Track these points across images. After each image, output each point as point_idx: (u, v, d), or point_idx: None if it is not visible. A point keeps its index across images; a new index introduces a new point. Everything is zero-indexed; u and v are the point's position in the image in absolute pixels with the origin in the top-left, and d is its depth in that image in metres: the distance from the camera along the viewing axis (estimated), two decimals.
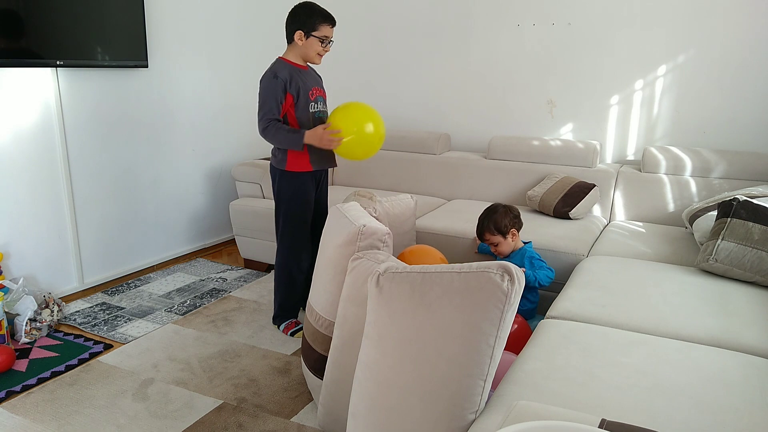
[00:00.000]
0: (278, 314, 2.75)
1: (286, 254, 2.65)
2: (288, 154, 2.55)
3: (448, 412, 1.30)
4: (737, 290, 2.11)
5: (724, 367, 1.54)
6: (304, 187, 2.60)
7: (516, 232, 2.53)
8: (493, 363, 1.31)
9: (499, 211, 2.53)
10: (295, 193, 2.59)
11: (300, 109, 2.53)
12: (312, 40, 2.48)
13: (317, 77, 2.69)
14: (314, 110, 2.57)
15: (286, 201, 2.60)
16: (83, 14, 2.83)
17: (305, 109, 2.54)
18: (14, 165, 2.73)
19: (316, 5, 2.50)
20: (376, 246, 1.81)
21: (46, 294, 2.82)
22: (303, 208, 2.61)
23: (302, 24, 2.46)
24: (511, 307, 1.28)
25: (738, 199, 2.29)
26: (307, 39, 2.47)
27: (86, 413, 2.07)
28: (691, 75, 3.23)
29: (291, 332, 2.69)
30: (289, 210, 2.61)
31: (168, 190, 3.55)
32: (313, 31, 2.46)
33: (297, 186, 2.58)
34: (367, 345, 1.43)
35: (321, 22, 2.46)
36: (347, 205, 2.04)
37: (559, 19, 3.49)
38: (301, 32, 2.47)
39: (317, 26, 2.46)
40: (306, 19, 2.46)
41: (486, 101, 3.81)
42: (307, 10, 2.47)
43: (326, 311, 1.91)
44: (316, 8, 2.48)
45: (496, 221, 2.50)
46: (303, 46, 2.50)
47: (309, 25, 2.46)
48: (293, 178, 2.57)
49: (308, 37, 2.47)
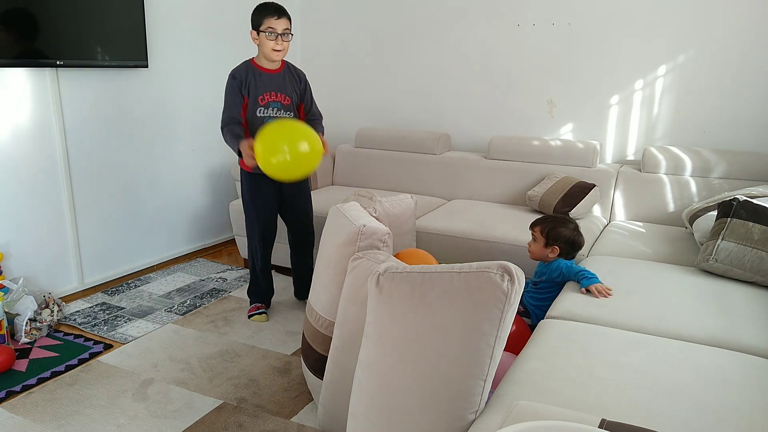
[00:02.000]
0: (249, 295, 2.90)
1: (249, 247, 2.80)
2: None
3: (448, 412, 1.30)
4: (737, 290, 2.11)
5: (724, 367, 1.54)
6: (256, 185, 2.65)
7: (557, 251, 2.37)
8: (493, 363, 1.31)
9: (569, 226, 2.40)
10: (248, 190, 2.68)
11: (249, 112, 2.57)
12: (262, 37, 2.48)
13: (285, 80, 2.61)
14: (263, 115, 2.56)
15: (243, 196, 2.74)
16: (83, 14, 2.83)
17: (254, 114, 2.56)
18: (14, 165, 2.73)
19: (264, 2, 2.49)
20: (376, 246, 1.81)
21: (46, 294, 2.82)
22: (254, 207, 2.68)
23: (253, 24, 2.50)
24: (511, 307, 1.28)
25: (738, 199, 2.29)
26: (259, 36, 2.49)
27: (86, 413, 2.07)
28: (691, 75, 3.23)
29: (249, 314, 2.83)
30: (244, 207, 2.74)
31: (168, 190, 3.55)
32: (260, 27, 2.47)
33: (251, 184, 2.66)
34: (367, 345, 1.43)
35: (264, 16, 2.46)
36: (347, 205, 2.04)
37: (559, 19, 3.49)
38: (253, 32, 2.50)
39: (262, 20, 2.46)
40: (254, 17, 2.50)
41: (486, 101, 3.81)
42: (256, 10, 2.49)
43: (326, 311, 1.91)
44: (263, 4, 2.48)
45: (556, 228, 2.38)
46: (259, 46, 2.52)
47: (256, 22, 2.48)
48: (246, 176, 2.67)
49: (259, 34, 2.48)
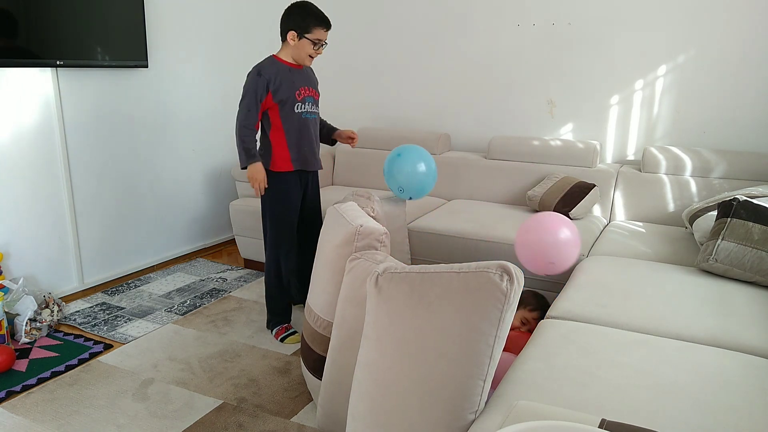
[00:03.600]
0: (270, 319, 2.71)
1: (273, 256, 2.63)
2: (272, 154, 2.53)
3: (447, 413, 1.30)
4: (737, 290, 2.11)
5: (724, 367, 1.54)
6: (287, 187, 2.56)
7: None
8: (493, 363, 1.31)
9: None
10: (278, 194, 2.56)
11: (286, 108, 2.49)
12: (304, 42, 2.43)
13: (310, 77, 2.62)
14: (301, 110, 2.52)
15: (269, 201, 2.57)
16: (83, 14, 2.83)
17: (291, 110, 2.50)
18: (14, 165, 2.73)
19: (312, 6, 2.43)
20: (373, 246, 1.81)
21: (46, 294, 2.82)
22: (286, 208, 2.58)
23: (296, 24, 2.42)
24: (510, 307, 1.28)
25: (738, 199, 2.29)
26: (299, 40, 2.42)
27: (86, 413, 2.07)
28: (691, 75, 3.23)
29: (281, 338, 2.64)
30: (273, 211, 2.58)
31: (168, 190, 3.55)
32: (307, 33, 2.41)
33: (280, 186, 2.55)
34: (366, 345, 1.43)
35: (315, 25, 2.41)
36: (345, 205, 2.04)
37: (559, 19, 3.49)
38: (294, 32, 2.42)
39: (311, 29, 2.41)
40: (300, 20, 2.41)
41: (486, 101, 3.81)
42: (302, 11, 2.42)
43: (324, 312, 1.91)
44: (313, 10, 2.42)
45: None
46: (295, 47, 2.45)
47: (303, 27, 2.41)
48: (275, 178, 2.54)
49: (301, 38, 2.42)
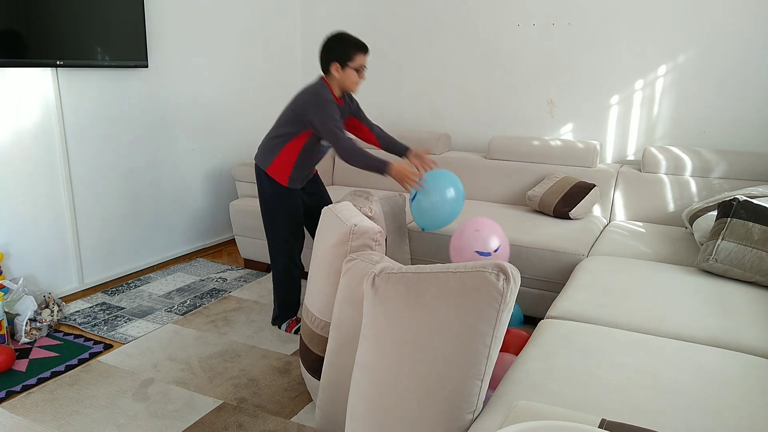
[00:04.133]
0: (279, 314, 2.75)
1: (280, 253, 2.67)
2: (274, 161, 2.55)
3: (445, 413, 1.30)
4: (737, 290, 2.11)
5: (724, 367, 1.54)
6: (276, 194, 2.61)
7: None
8: (490, 363, 1.31)
9: None
10: (277, 192, 2.60)
11: (312, 140, 2.54)
12: (348, 71, 2.48)
13: (345, 111, 2.64)
14: (323, 143, 2.59)
15: (268, 199, 2.62)
16: (83, 14, 2.83)
17: (317, 141, 2.56)
18: (14, 165, 2.73)
19: (348, 35, 2.50)
20: (368, 245, 1.81)
21: (46, 294, 2.82)
22: (286, 204, 2.61)
23: (337, 56, 2.47)
24: (507, 307, 1.28)
25: (738, 199, 2.29)
26: (344, 70, 2.48)
27: (86, 413, 2.07)
28: (691, 75, 3.23)
29: (294, 330, 2.71)
30: (273, 208, 2.63)
31: (168, 190, 3.55)
32: (349, 62, 2.47)
33: (275, 187, 2.60)
34: (364, 346, 1.43)
35: (355, 52, 2.47)
36: (339, 205, 2.04)
37: (559, 19, 3.49)
38: (337, 64, 2.48)
39: (352, 56, 2.47)
40: (341, 50, 2.47)
41: (486, 101, 3.81)
42: (341, 42, 2.48)
43: (321, 312, 1.91)
44: (350, 39, 2.49)
45: None
46: (340, 78, 2.50)
47: (344, 56, 2.46)
48: (271, 184, 2.60)
49: (345, 68, 2.48)
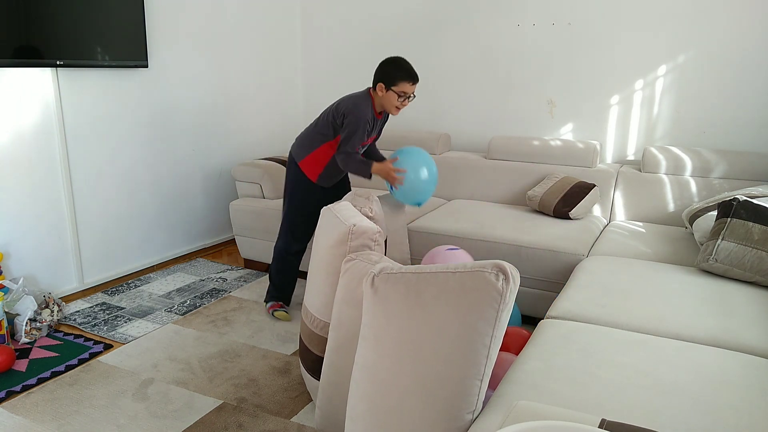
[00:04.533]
0: (270, 292, 2.92)
1: (284, 237, 2.82)
2: (308, 156, 2.70)
3: (445, 413, 1.30)
4: (737, 290, 2.11)
5: (724, 367, 1.54)
6: (305, 188, 2.74)
7: None
8: (489, 363, 1.31)
9: None
10: (300, 186, 2.74)
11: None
12: (391, 94, 2.57)
13: (382, 124, 2.79)
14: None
15: (291, 189, 2.77)
16: (83, 14, 2.83)
17: None
18: (14, 165, 2.73)
19: (403, 62, 2.58)
20: (367, 245, 1.81)
21: (46, 294, 2.82)
22: (305, 200, 2.74)
23: (385, 77, 2.57)
24: (507, 307, 1.28)
25: (738, 199, 2.29)
26: (387, 92, 2.57)
27: (86, 413, 2.07)
28: (691, 75, 3.23)
29: (273, 311, 2.87)
30: (293, 198, 2.77)
31: (168, 190, 3.55)
32: (393, 86, 2.55)
33: (301, 184, 2.74)
34: (363, 346, 1.43)
35: (402, 79, 2.54)
36: (339, 205, 2.03)
37: (559, 19, 3.49)
38: (382, 84, 2.57)
39: (397, 82, 2.55)
40: (389, 73, 2.56)
41: (486, 101, 3.81)
42: (393, 65, 2.58)
43: (321, 312, 1.91)
44: (403, 65, 2.57)
45: None
46: (382, 97, 2.60)
47: (390, 80, 2.55)
48: (301, 176, 2.73)
49: (388, 90, 2.57)
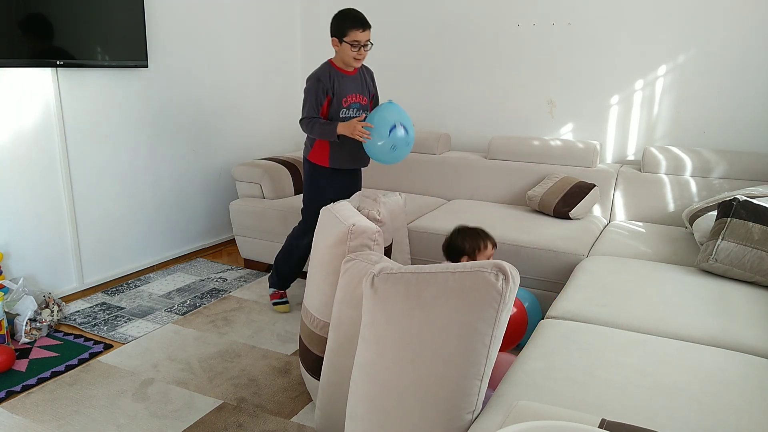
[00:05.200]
0: (272, 276, 2.97)
1: (297, 229, 2.88)
2: (313, 147, 2.72)
3: (445, 413, 1.30)
4: (737, 290, 2.11)
5: (724, 367, 1.54)
6: (319, 177, 2.76)
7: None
8: (489, 363, 1.31)
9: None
10: (312, 182, 2.77)
11: (332, 112, 2.66)
12: (345, 46, 2.56)
13: (360, 83, 2.73)
14: (345, 116, 2.67)
15: (305, 186, 2.82)
16: (83, 14, 2.83)
17: (336, 114, 2.66)
18: (14, 165, 2.73)
19: (349, 12, 2.57)
20: (367, 245, 1.80)
21: (46, 294, 2.82)
22: (315, 196, 2.76)
23: (335, 31, 2.58)
24: (506, 307, 1.28)
25: (738, 199, 2.29)
26: (341, 45, 2.57)
27: (86, 413, 2.07)
28: (691, 75, 3.23)
29: (273, 302, 2.96)
30: (306, 195, 2.82)
31: (168, 190, 3.55)
32: (344, 37, 2.55)
33: (314, 175, 2.76)
34: (363, 347, 1.43)
35: (350, 28, 2.53)
36: (338, 206, 2.03)
37: (559, 19, 3.49)
38: (335, 39, 2.58)
39: (347, 32, 2.54)
40: (337, 25, 2.57)
41: (486, 101, 3.81)
42: (339, 17, 2.57)
43: (320, 312, 1.91)
44: (348, 14, 2.56)
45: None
46: (339, 52, 2.60)
47: (340, 32, 2.55)
48: (311, 168, 2.76)
49: (341, 42, 2.56)
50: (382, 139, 2.54)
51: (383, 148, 2.57)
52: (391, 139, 2.55)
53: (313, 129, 2.62)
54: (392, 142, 2.56)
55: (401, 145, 2.59)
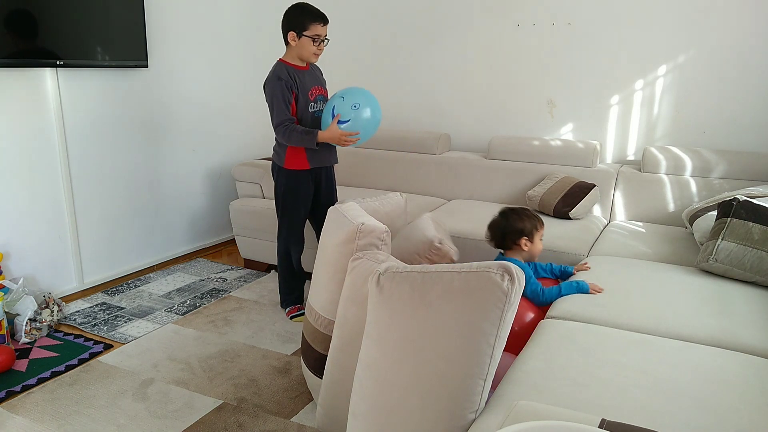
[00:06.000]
0: (283, 299, 2.91)
1: (282, 244, 2.81)
2: (287, 152, 2.63)
3: (448, 412, 1.30)
4: (737, 290, 2.11)
5: (724, 367, 1.54)
6: (298, 184, 2.69)
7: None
8: (493, 362, 1.32)
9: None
10: (290, 190, 2.70)
11: (300, 109, 2.60)
12: (304, 40, 2.52)
13: (318, 76, 2.72)
14: (313, 110, 2.64)
15: (281, 195, 2.71)
16: (83, 14, 2.83)
17: (305, 109, 2.61)
18: (14, 165, 2.73)
19: (307, 5, 2.53)
20: (374, 245, 1.81)
21: (46, 294, 2.82)
22: (296, 203, 2.71)
23: (294, 25, 2.52)
24: (511, 307, 1.28)
25: (738, 199, 2.29)
26: (299, 39, 2.52)
27: (86, 413, 2.07)
28: (691, 75, 3.23)
29: (291, 316, 2.85)
30: (284, 204, 2.73)
31: (168, 190, 3.55)
32: (305, 31, 2.51)
33: (292, 183, 2.69)
34: (367, 345, 1.43)
35: (311, 22, 2.50)
36: (345, 205, 2.04)
37: (559, 19, 3.49)
38: (293, 33, 2.53)
39: (308, 26, 2.50)
40: (296, 19, 2.51)
41: (486, 101, 3.81)
42: (297, 11, 2.52)
43: (325, 310, 1.91)
44: (307, 8, 2.52)
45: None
46: (297, 47, 2.55)
47: (300, 26, 2.50)
48: (290, 176, 2.68)
49: (300, 37, 2.52)
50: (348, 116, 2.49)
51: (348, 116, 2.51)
52: (349, 104, 2.50)
53: (291, 137, 2.52)
54: (350, 102, 2.51)
55: (353, 96, 2.53)
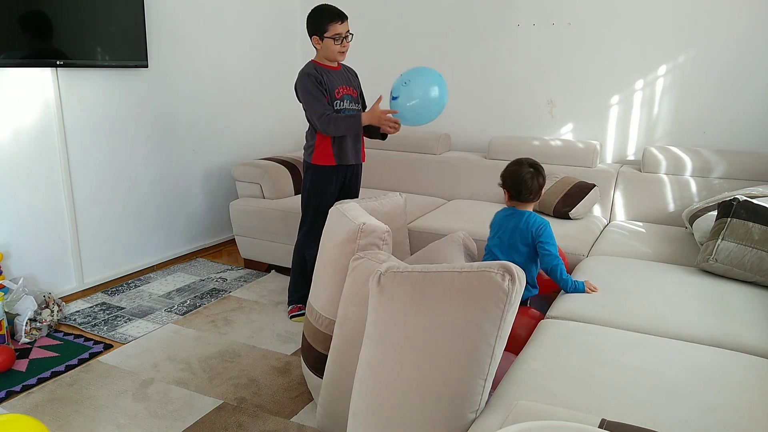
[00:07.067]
0: (289, 296, 2.91)
1: (301, 239, 2.82)
2: (315, 148, 2.68)
3: (448, 412, 1.30)
4: (737, 290, 2.11)
5: (724, 367, 1.54)
6: (324, 180, 2.72)
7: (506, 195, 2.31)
8: (494, 362, 1.32)
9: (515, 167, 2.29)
10: (315, 185, 2.73)
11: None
12: (327, 42, 2.57)
13: (349, 78, 2.76)
14: (339, 108, 2.66)
15: (306, 190, 2.77)
16: (83, 14, 2.83)
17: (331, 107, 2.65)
18: (14, 165, 2.73)
19: (323, 7, 2.56)
20: (376, 244, 1.81)
21: (46, 294, 2.82)
22: (320, 199, 2.73)
23: (315, 29, 2.57)
24: (512, 307, 1.29)
25: (738, 199, 2.29)
26: (322, 42, 2.57)
27: (86, 413, 2.07)
28: (691, 75, 3.23)
29: (291, 315, 2.86)
30: (308, 199, 2.77)
31: (168, 190, 3.55)
32: (325, 33, 2.55)
33: (318, 178, 2.72)
34: (368, 344, 1.43)
35: (329, 22, 2.53)
36: (346, 205, 2.05)
37: (559, 19, 3.49)
38: (316, 37, 2.58)
39: (326, 27, 2.54)
40: (315, 23, 2.56)
41: (486, 101, 3.81)
42: (315, 15, 2.57)
43: (326, 310, 1.92)
44: (324, 10, 2.56)
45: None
46: (322, 49, 2.60)
47: (320, 29, 2.55)
48: (316, 171, 2.71)
49: (323, 39, 2.56)
50: (398, 93, 2.54)
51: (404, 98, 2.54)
52: (401, 87, 2.53)
53: (336, 125, 2.55)
54: (404, 78, 2.55)
55: (410, 73, 2.57)
